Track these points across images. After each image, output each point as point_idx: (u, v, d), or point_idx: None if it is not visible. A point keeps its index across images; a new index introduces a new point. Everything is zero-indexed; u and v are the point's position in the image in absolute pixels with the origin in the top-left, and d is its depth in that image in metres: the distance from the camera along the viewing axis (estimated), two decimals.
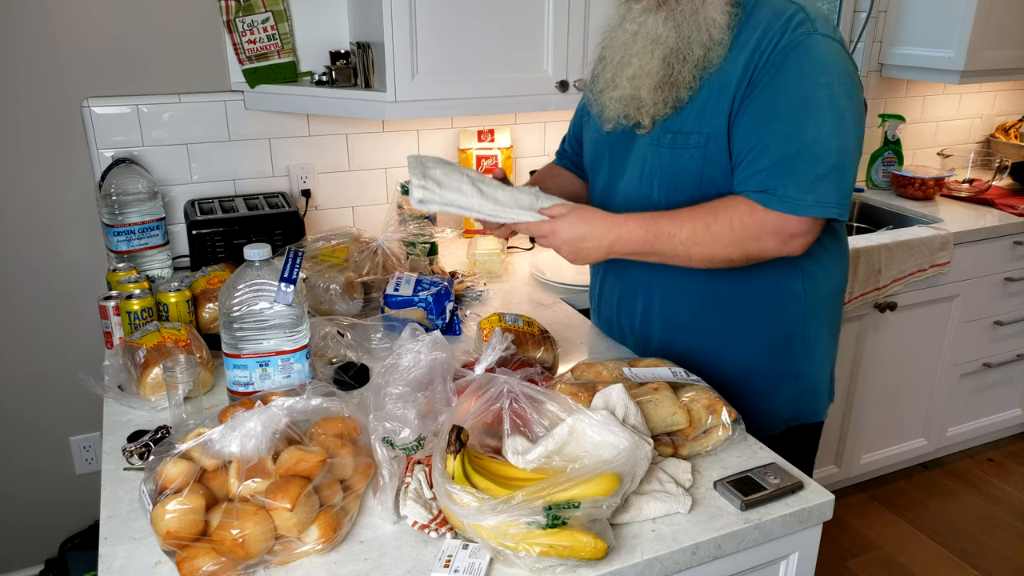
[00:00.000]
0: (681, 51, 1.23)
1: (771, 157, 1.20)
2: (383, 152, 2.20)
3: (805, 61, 1.19)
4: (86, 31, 1.85)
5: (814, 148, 1.18)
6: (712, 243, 1.23)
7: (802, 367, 1.40)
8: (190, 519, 0.95)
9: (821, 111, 1.18)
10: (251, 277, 1.23)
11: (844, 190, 1.21)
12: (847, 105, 1.19)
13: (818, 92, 1.18)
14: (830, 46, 1.20)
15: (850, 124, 1.20)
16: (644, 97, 1.28)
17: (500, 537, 0.93)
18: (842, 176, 1.20)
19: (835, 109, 1.18)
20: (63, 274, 2.00)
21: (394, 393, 1.17)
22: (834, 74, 1.19)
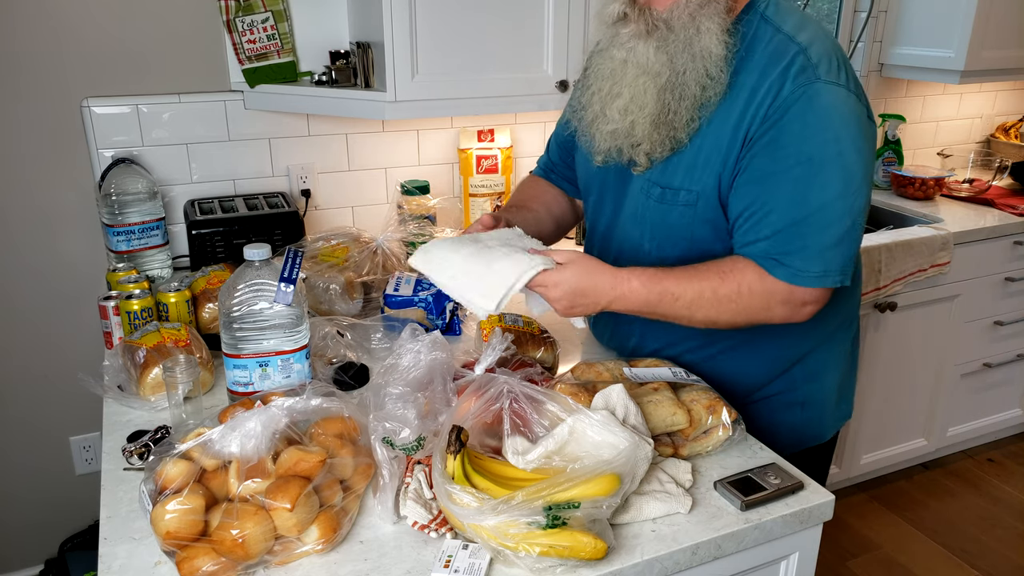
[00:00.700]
0: (676, 86, 1.14)
1: (775, 224, 1.13)
2: (383, 152, 2.20)
3: (809, 115, 1.09)
4: (86, 31, 1.85)
5: (822, 214, 1.11)
6: (717, 308, 1.15)
7: (808, 395, 1.36)
8: (190, 519, 0.95)
9: (828, 171, 1.09)
10: (251, 277, 1.23)
11: (849, 255, 1.15)
12: (855, 160, 1.11)
13: (824, 149, 1.09)
14: (835, 94, 1.10)
15: (858, 181, 1.12)
16: (639, 134, 1.19)
17: (500, 537, 0.93)
18: (850, 243, 1.14)
19: (843, 167, 1.10)
20: (63, 274, 2.00)
21: (394, 393, 1.17)
22: (841, 127, 1.10)
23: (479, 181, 2.25)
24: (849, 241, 1.14)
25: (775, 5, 1.17)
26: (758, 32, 1.15)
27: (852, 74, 1.14)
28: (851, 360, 1.43)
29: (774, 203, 1.13)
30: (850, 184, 1.11)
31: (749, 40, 1.15)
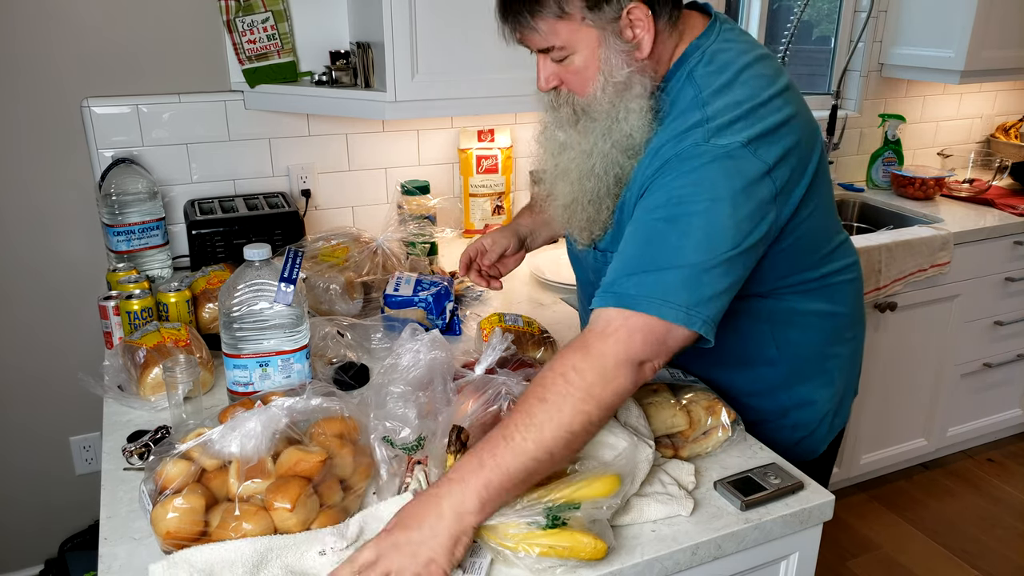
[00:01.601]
0: (599, 174, 1.12)
1: (617, 264, 1.04)
2: (383, 152, 2.20)
3: (685, 174, 1.02)
4: (86, 31, 1.85)
5: (670, 255, 1.00)
6: (558, 412, 0.95)
7: (799, 420, 1.33)
8: (190, 519, 0.95)
9: (691, 221, 1.00)
10: (251, 277, 1.23)
11: (697, 297, 0.99)
12: (727, 215, 1.00)
13: (692, 205, 1.00)
14: (727, 156, 1.01)
15: (723, 239, 1.00)
16: (578, 215, 1.18)
17: (500, 537, 0.93)
18: (696, 283, 0.99)
19: (708, 220, 1.00)
20: (63, 274, 2.00)
21: (394, 392, 1.17)
22: (720, 184, 1.01)
23: (479, 181, 2.25)
24: (696, 283, 0.99)
25: (707, 60, 1.10)
26: (680, 94, 1.10)
27: (769, 126, 1.04)
28: (848, 375, 1.38)
29: (625, 250, 1.05)
30: (712, 240, 1.00)
31: (671, 101, 1.11)
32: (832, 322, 1.29)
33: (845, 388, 1.38)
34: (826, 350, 1.31)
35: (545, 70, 1.12)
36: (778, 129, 1.06)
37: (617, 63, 1.07)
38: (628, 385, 0.99)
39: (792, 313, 1.23)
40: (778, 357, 1.27)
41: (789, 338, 1.26)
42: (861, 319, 1.38)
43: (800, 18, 2.52)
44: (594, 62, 1.08)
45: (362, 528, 0.99)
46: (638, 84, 1.08)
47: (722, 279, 1.01)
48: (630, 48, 1.07)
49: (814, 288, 1.24)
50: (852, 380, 1.41)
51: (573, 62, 1.09)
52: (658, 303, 0.98)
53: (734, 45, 1.12)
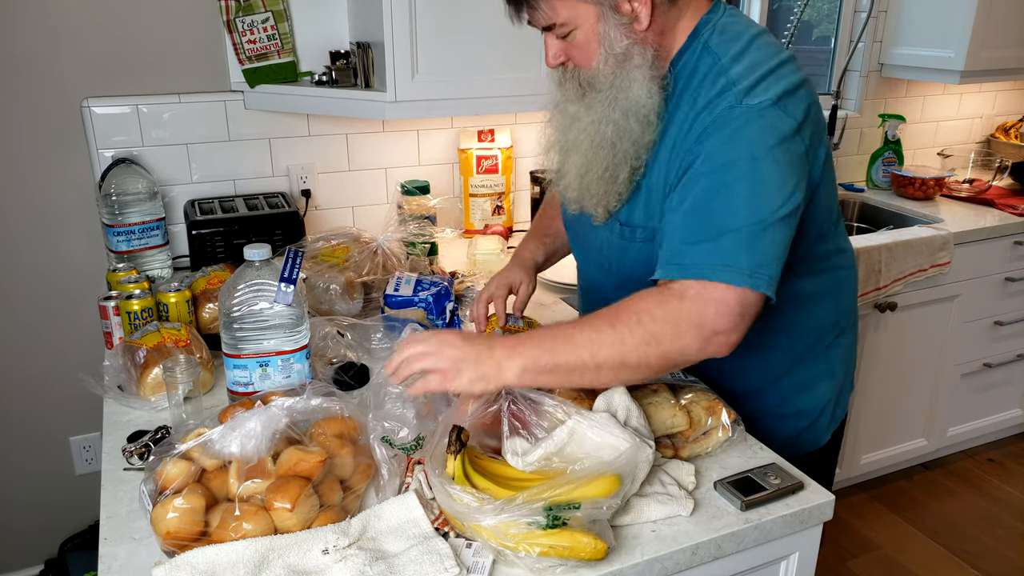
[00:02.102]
0: (613, 142, 1.15)
1: (675, 232, 1.08)
2: (383, 152, 2.20)
3: (724, 138, 1.06)
4: (86, 31, 1.85)
5: (723, 217, 1.04)
6: (620, 343, 1.01)
7: (802, 406, 1.35)
8: (190, 519, 0.95)
9: (737, 183, 1.04)
10: (251, 277, 1.23)
11: (759, 259, 1.03)
12: (770, 170, 1.05)
13: (735, 165, 1.05)
14: (753, 114, 1.06)
15: (772, 195, 1.04)
16: (592, 188, 1.20)
17: (500, 537, 0.93)
18: (754, 243, 1.03)
19: (755, 177, 1.04)
20: (63, 274, 2.00)
21: (394, 392, 1.17)
22: (758, 142, 1.05)
23: (479, 181, 2.25)
24: (753, 243, 1.03)
25: (720, 31, 1.14)
26: (699, 64, 1.13)
27: (796, 92, 1.09)
28: (846, 367, 1.41)
29: (679, 221, 1.09)
30: (761, 196, 1.04)
31: (689, 72, 1.14)
32: (835, 308, 1.33)
33: (844, 379, 1.40)
34: (829, 337, 1.34)
35: (552, 47, 1.17)
36: (798, 89, 1.10)
37: (616, 36, 1.11)
38: (694, 348, 1.03)
39: (801, 296, 1.25)
40: (786, 342, 1.29)
41: (796, 322, 1.28)
42: (856, 312, 1.41)
43: (800, 18, 2.52)
44: (595, 36, 1.12)
45: (364, 526, 0.99)
46: (637, 55, 1.12)
47: (777, 237, 1.05)
48: (628, 21, 1.10)
49: (820, 270, 1.27)
50: (850, 372, 1.43)
51: (576, 37, 1.13)
52: (720, 269, 1.02)
53: (740, 19, 1.18)
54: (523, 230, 2.34)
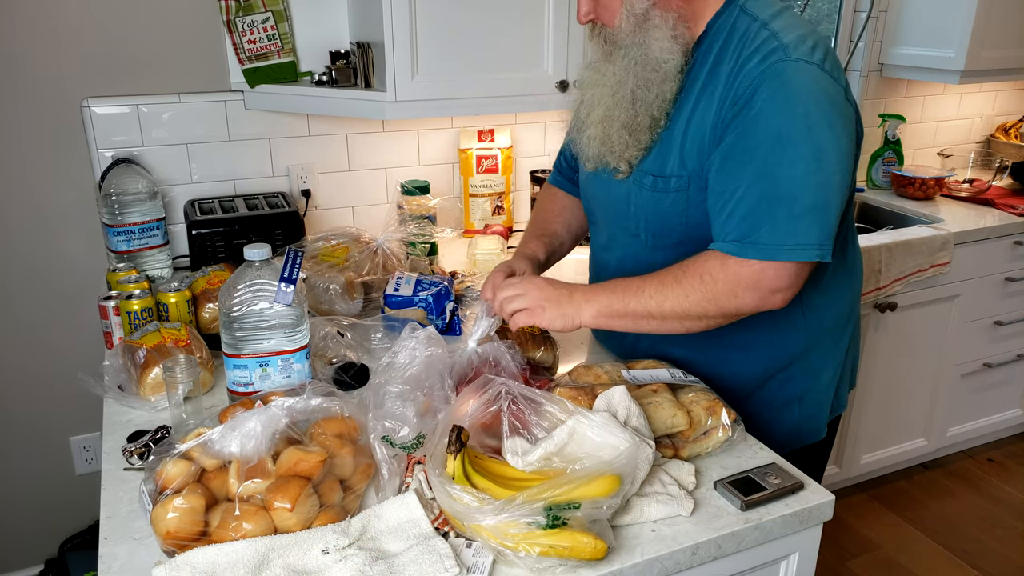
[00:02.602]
0: (633, 96, 1.21)
1: (743, 203, 1.12)
2: (383, 152, 2.20)
3: (778, 93, 1.10)
4: (86, 31, 1.85)
5: (790, 187, 1.09)
6: (684, 298, 1.14)
7: (806, 392, 1.36)
8: (190, 519, 0.95)
9: (797, 146, 1.09)
10: (251, 277, 1.23)
11: (827, 230, 1.11)
12: (827, 136, 1.10)
13: (792, 125, 1.09)
14: (806, 71, 1.10)
15: (832, 157, 1.10)
16: (614, 139, 1.25)
17: (500, 537, 0.93)
18: (824, 215, 1.10)
19: (812, 143, 1.09)
20: (63, 274, 2.00)
21: (393, 392, 1.17)
22: (811, 103, 1.10)
23: (479, 181, 2.25)
24: (821, 213, 1.10)
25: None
26: (736, 24, 1.18)
27: (832, 56, 1.15)
28: (850, 355, 1.44)
29: (740, 182, 1.13)
30: (821, 159, 1.10)
31: (728, 32, 1.19)
32: (850, 293, 1.37)
33: (845, 370, 1.43)
34: (841, 323, 1.37)
35: (583, 4, 1.24)
36: (833, 54, 1.16)
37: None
38: (751, 305, 1.14)
39: (822, 275, 1.27)
40: (803, 322, 1.30)
41: (815, 303, 1.30)
42: (857, 310, 1.43)
43: None
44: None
45: (364, 526, 0.99)
46: (658, 17, 1.18)
47: (837, 202, 1.13)
48: None
49: (843, 250, 1.31)
50: (853, 365, 1.46)
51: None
52: (792, 248, 1.10)
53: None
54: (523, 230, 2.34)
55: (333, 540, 0.96)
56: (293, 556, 0.94)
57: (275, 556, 0.93)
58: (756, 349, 1.31)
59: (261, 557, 0.92)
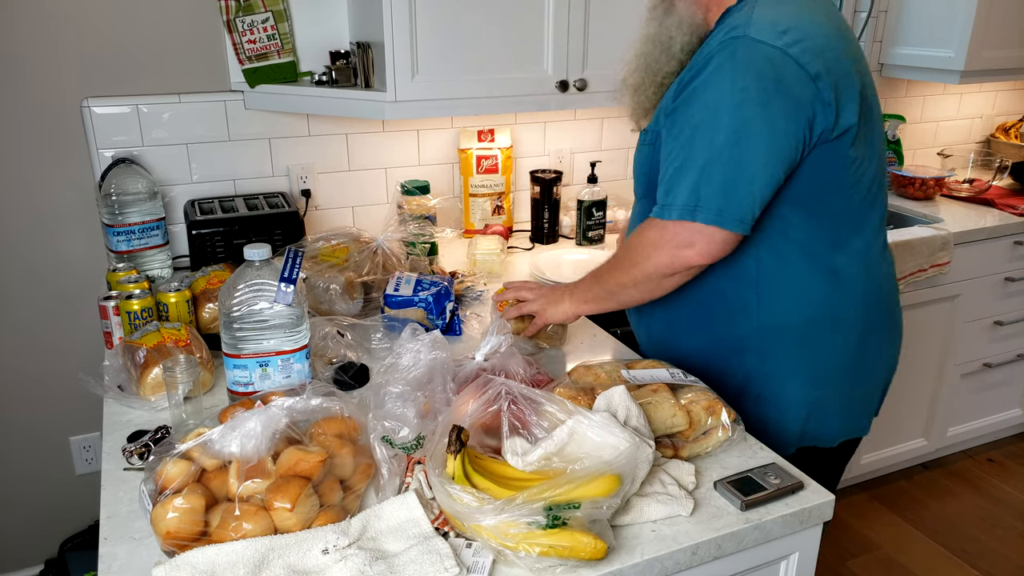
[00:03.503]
0: (648, 63, 1.35)
1: (670, 167, 1.20)
2: (383, 152, 2.20)
3: (724, 65, 1.14)
4: (86, 31, 1.85)
5: (706, 154, 1.15)
6: (623, 269, 1.29)
7: (765, 393, 1.32)
8: (190, 519, 0.95)
9: (721, 118, 1.13)
10: (251, 277, 1.23)
11: (735, 201, 1.14)
12: (757, 114, 1.12)
13: (725, 97, 1.14)
14: (758, 49, 1.12)
15: (756, 134, 1.13)
16: (629, 100, 1.40)
17: (500, 537, 0.93)
18: (733, 186, 1.14)
19: (739, 116, 1.13)
20: (63, 274, 2.00)
21: (394, 392, 1.17)
22: (752, 79, 1.12)
23: (479, 181, 2.25)
24: (732, 187, 1.14)
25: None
26: (737, 17, 1.21)
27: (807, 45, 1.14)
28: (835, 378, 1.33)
29: (674, 147, 1.21)
30: (743, 134, 1.13)
31: (726, 23, 1.23)
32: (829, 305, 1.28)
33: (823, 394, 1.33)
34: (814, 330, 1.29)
35: None
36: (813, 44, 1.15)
37: None
38: (665, 260, 1.21)
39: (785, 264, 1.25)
40: (755, 305, 1.29)
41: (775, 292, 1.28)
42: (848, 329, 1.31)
43: None
44: None
45: (364, 526, 1.00)
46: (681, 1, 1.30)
47: (760, 180, 1.15)
48: None
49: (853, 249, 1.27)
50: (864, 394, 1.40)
51: None
52: (692, 210, 1.16)
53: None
54: (523, 230, 2.35)
55: (333, 540, 0.96)
56: (293, 556, 0.94)
57: (275, 556, 0.93)
58: (707, 322, 1.34)
59: (261, 557, 0.92)
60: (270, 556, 0.93)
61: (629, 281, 1.28)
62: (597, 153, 2.46)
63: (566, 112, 2.38)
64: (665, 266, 1.22)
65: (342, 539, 0.96)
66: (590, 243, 2.23)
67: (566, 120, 2.39)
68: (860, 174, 1.23)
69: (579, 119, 2.41)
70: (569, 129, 2.40)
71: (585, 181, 2.31)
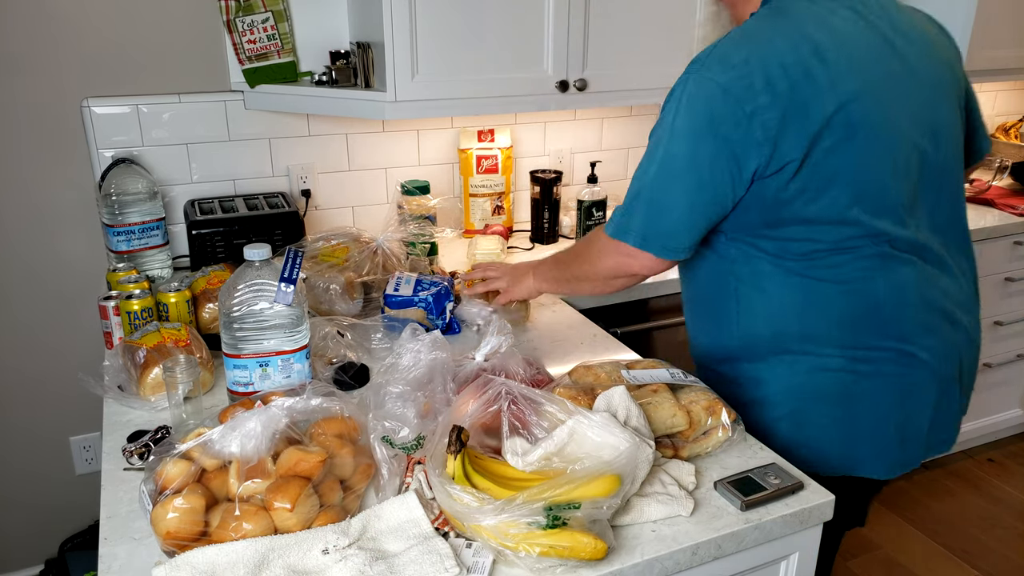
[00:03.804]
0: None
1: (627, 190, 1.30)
2: (383, 152, 2.20)
3: (669, 100, 1.21)
4: (86, 31, 1.85)
5: (640, 182, 1.24)
6: (579, 263, 1.41)
7: (752, 397, 1.31)
8: (190, 519, 0.95)
9: (656, 150, 1.21)
10: (251, 277, 1.23)
11: (652, 224, 1.22)
12: (682, 146, 1.17)
13: (662, 131, 1.21)
14: (700, 86, 1.16)
15: (680, 165, 1.17)
16: None
17: (500, 537, 0.93)
18: (655, 212, 1.22)
19: (668, 149, 1.19)
20: (63, 274, 2.00)
21: (394, 392, 1.17)
22: (684, 114, 1.17)
23: (479, 181, 2.25)
24: (655, 212, 1.22)
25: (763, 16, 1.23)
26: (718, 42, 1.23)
27: (751, 77, 1.13)
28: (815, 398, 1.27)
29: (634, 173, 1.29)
30: (669, 165, 1.20)
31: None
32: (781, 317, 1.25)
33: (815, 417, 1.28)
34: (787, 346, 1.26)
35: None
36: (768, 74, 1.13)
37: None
38: (611, 264, 1.32)
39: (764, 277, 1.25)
40: (735, 315, 1.30)
41: (752, 304, 1.27)
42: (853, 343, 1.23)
43: None
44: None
45: (364, 526, 1.00)
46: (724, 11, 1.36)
47: (681, 205, 1.20)
48: None
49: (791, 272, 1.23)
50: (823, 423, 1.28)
51: None
52: (624, 230, 1.27)
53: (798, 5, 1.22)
54: (523, 230, 2.35)
55: (333, 540, 0.96)
56: (293, 556, 0.94)
57: (275, 556, 0.93)
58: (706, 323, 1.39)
59: (261, 557, 0.92)
60: (270, 556, 0.93)
61: (582, 275, 1.40)
62: (597, 153, 2.46)
63: (566, 112, 2.38)
64: (610, 270, 1.33)
65: (342, 539, 0.96)
66: None
67: (566, 120, 2.39)
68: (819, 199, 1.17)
69: (579, 119, 2.41)
70: (569, 129, 2.41)
71: (585, 181, 2.31)
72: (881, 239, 1.20)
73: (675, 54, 2.07)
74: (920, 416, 1.28)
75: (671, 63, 2.07)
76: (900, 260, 1.22)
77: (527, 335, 1.65)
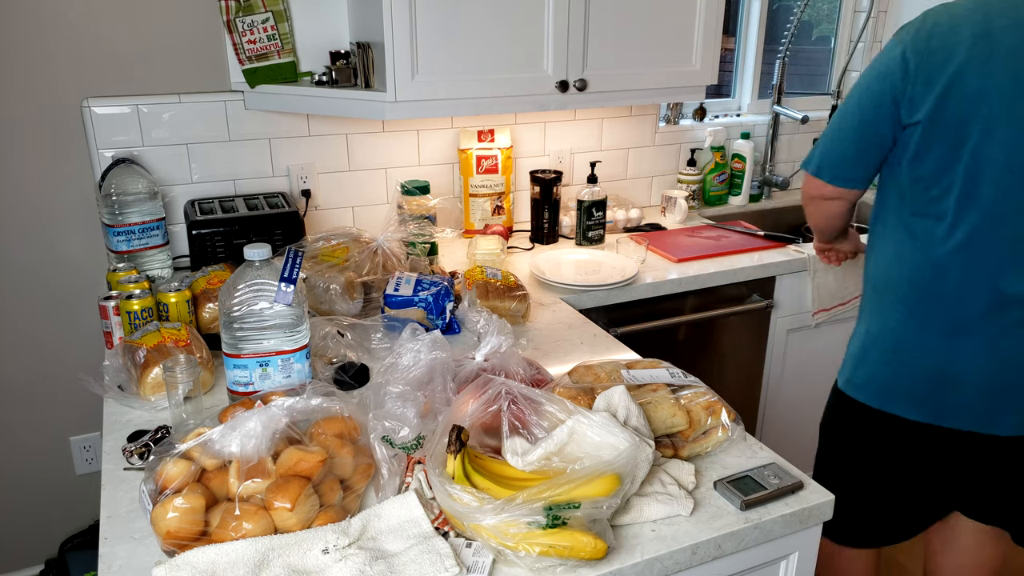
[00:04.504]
0: None
1: None
2: (383, 152, 2.20)
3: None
4: (86, 31, 1.85)
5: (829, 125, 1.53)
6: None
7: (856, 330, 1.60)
8: (190, 519, 0.95)
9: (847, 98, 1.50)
10: (251, 277, 1.23)
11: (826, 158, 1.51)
12: (858, 95, 1.46)
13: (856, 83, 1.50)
14: (891, 45, 1.46)
15: (850, 109, 1.46)
16: None
17: (500, 537, 0.93)
18: (828, 147, 1.51)
19: (848, 98, 1.48)
20: (63, 274, 2.00)
21: (394, 392, 1.17)
22: (872, 68, 1.46)
23: (479, 181, 2.25)
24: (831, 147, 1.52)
25: None
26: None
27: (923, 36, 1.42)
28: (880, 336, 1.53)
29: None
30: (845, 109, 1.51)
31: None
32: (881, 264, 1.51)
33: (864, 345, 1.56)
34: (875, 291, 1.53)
35: None
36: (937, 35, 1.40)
37: None
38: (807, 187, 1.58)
39: (882, 227, 1.50)
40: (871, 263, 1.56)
41: (873, 250, 1.54)
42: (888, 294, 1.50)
43: (800, 18, 2.52)
44: None
45: (364, 526, 1.00)
46: None
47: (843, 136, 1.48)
48: None
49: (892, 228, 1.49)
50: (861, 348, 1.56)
51: None
52: (807, 160, 1.56)
53: None
54: (523, 230, 2.35)
55: (333, 540, 0.96)
56: (293, 556, 0.94)
57: (275, 556, 0.93)
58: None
59: (261, 557, 0.93)
60: (270, 556, 0.93)
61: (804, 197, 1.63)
62: (597, 153, 2.46)
63: (566, 112, 2.38)
64: (804, 195, 1.62)
65: (342, 539, 0.96)
66: (590, 243, 2.23)
67: (566, 120, 2.40)
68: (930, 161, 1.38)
69: (579, 119, 2.41)
70: (569, 129, 2.41)
71: (585, 181, 2.31)
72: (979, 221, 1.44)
73: (675, 54, 2.07)
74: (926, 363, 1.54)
75: (671, 63, 2.07)
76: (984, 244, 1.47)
77: (527, 335, 1.66)
